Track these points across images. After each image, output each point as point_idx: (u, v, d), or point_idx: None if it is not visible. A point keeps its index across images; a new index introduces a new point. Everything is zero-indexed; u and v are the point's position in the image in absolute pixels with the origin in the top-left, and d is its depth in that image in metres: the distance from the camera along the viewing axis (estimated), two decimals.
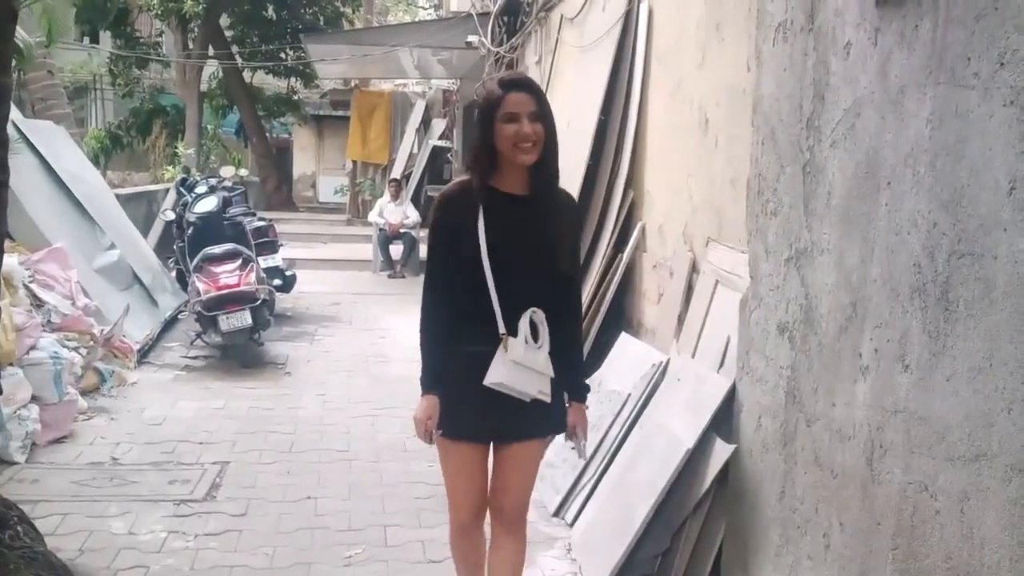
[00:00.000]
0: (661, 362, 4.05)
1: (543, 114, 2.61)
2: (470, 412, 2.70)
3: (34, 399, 4.90)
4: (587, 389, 2.91)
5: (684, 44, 4.48)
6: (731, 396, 3.39)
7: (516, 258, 2.65)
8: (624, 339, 4.67)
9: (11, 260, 5.33)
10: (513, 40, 9.27)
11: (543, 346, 2.67)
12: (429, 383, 2.73)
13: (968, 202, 2.11)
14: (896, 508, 2.36)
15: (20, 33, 8.62)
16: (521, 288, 2.65)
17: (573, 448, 2.92)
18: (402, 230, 12.47)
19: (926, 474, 2.23)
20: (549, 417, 2.80)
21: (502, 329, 2.63)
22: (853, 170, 2.60)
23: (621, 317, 5.20)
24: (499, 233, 2.63)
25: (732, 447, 3.29)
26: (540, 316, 2.67)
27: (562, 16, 7.33)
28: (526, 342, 2.63)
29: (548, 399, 2.70)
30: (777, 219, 3.06)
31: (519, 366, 2.63)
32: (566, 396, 2.85)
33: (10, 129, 3.10)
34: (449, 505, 2.87)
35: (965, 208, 2.12)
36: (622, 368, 4.45)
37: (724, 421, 3.44)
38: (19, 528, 3.10)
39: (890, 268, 2.41)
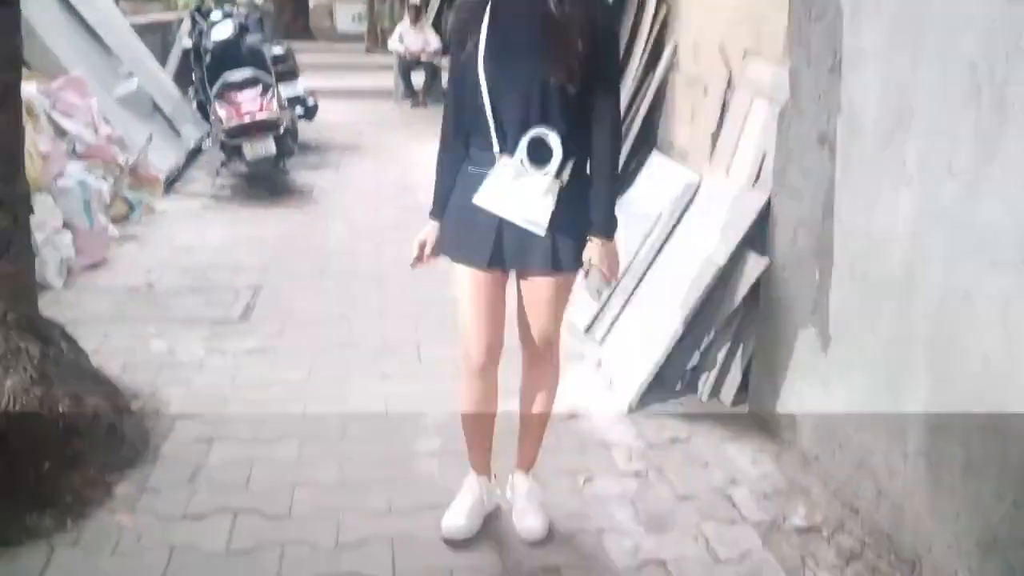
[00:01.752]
0: (694, 181, 3.99)
1: None
2: (470, 234, 2.49)
3: (66, 226, 4.94)
4: (610, 224, 2.48)
5: None
6: (765, 212, 3.35)
7: (520, 66, 2.36)
8: (655, 159, 4.59)
9: (30, 87, 5.24)
10: None
11: (549, 173, 2.37)
12: (433, 208, 2.61)
13: None
14: (934, 315, 2.35)
15: None
16: (526, 102, 2.36)
17: (591, 293, 2.53)
18: (423, 57, 12.14)
19: (968, 281, 2.21)
20: (553, 252, 2.44)
21: (495, 146, 2.40)
22: None
23: (652, 138, 5.09)
24: (504, 39, 2.37)
25: (765, 260, 3.28)
26: (554, 139, 2.36)
27: None
28: (521, 163, 2.37)
29: (540, 231, 2.39)
30: (822, 24, 2.92)
31: (507, 188, 2.39)
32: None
33: None
34: (461, 340, 2.64)
35: None
36: (653, 189, 4.39)
37: (757, 238, 3.41)
38: (63, 345, 3.17)
39: (942, 70, 2.31)
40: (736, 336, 3.54)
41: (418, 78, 12.32)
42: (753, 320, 3.46)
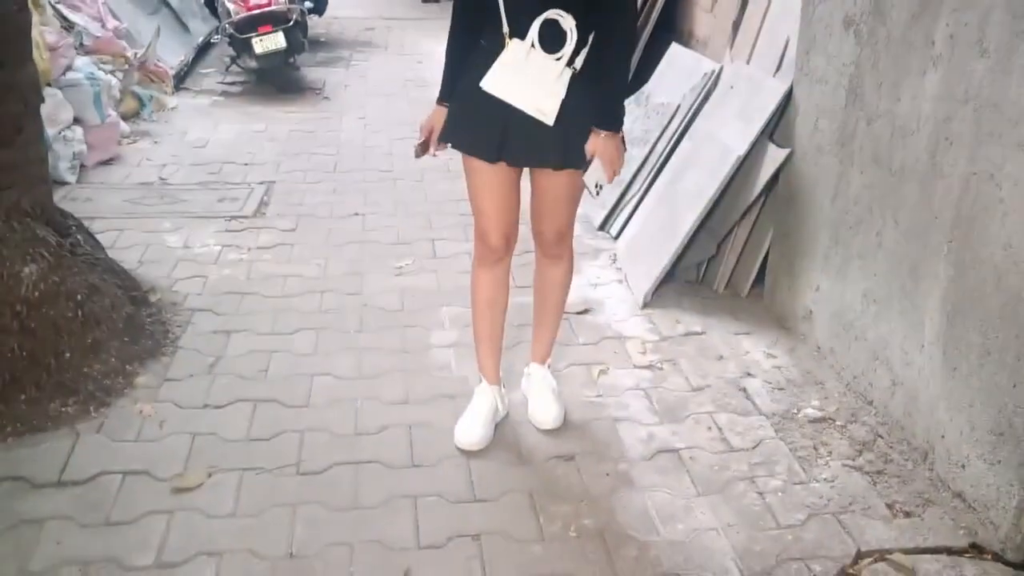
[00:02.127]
0: (713, 70, 3.89)
1: None
2: (476, 125, 2.40)
3: (77, 121, 4.88)
4: (617, 115, 2.37)
5: None
6: (787, 100, 3.27)
7: None
8: (674, 49, 4.47)
9: None
10: None
11: (562, 59, 2.26)
12: (440, 92, 2.50)
13: None
14: (956, 200, 2.31)
15: None
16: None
17: (589, 187, 2.38)
18: None
19: (993, 163, 2.16)
20: (565, 147, 2.36)
21: (505, 27, 2.27)
22: None
23: (671, 29, 4.95)
24: None
25: (786, 151, 3.21)
26: (568, 23, 2.24)
27: None
28: (532, 47, 2.26)
29: (549, 121, 2.29)
30: None
31: (516, 73, 2.27)
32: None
33: None
34: (475, 228, 2.59)
35: None
36: (671, 79, 4.28)
37: (778, 127, 3.34)
38: (79, 236, 3.17)
39: None
40: (754, 227, 3.50)
41: None
42: (772, 211, 3.41)
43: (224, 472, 2.52)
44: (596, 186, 2.37)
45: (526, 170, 2.51)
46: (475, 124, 2.40)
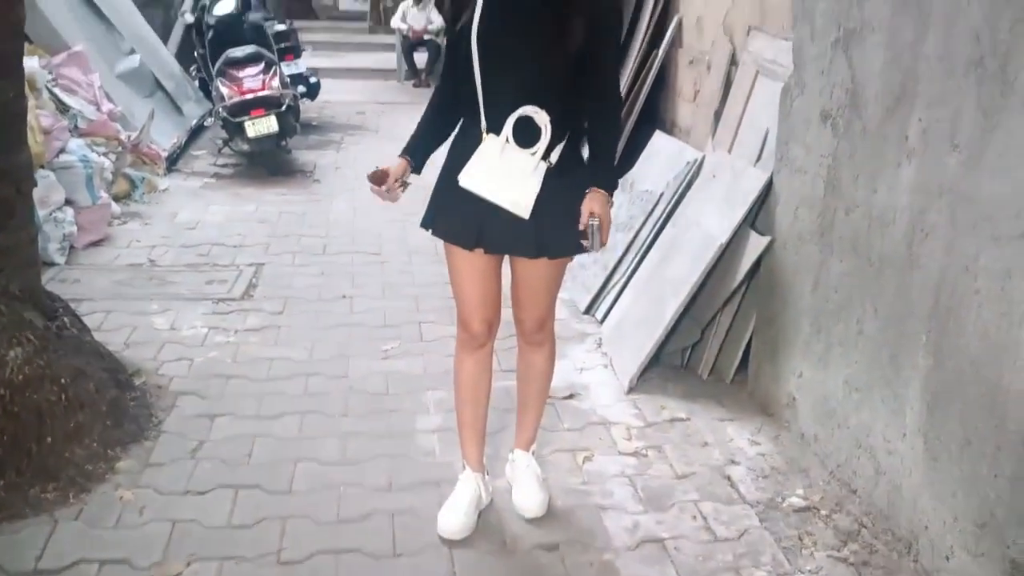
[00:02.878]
0: (696, 159, 3.97)
1: None
2: (455, 213, 2.44)
3: (68, 203, 4.93)
4: (611, 178, 2.44)
5: None
6: (768, 189, 3.33)
7: (514, 43, 2.28)
8: (658, 138, 4.57)
9: (32, 62, 5.23)
10: None
11: (536, 153, 2.30)
12: (405, 147, 2.52)
13: None
14: (934, 290, 2.35)
15: None
16: (518, 79, 2.29)
17: (585, 242, 2.37)
18: (426, 36, 12.08)
19: (968, 255, 2.21)
20: (539, 238, 2.39)
21: (483, 123, 2.33)
22: None
23: (655, 117, 5.08)
24: (499, 13, 2.28)
25: (767, 239, 3.27)
26: (542, 118, 2.28)
27: None
28: (507, 142, 2.30)
29: (524, 215, 2.32)
30: None
31: (492, 168, 2.32)
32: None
33: None
34: (457, 315, 2.61)
35: None
36: (655, 167, 4.37)
37: (759, 215, 3.41)
38: (66, 319, 3.18)
39: (946, 42, 2.30)
40: (737, 314, 3.54)
41: (421, 57, 12.26)
42: (755, 298, 3.45)
43: (203, 561, 2.48)
44: (594, 240, 2.36)
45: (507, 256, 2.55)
46: (453, 212, 2.45)
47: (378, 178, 2.47)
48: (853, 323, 2.75)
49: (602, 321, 4.11)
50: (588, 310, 4.28)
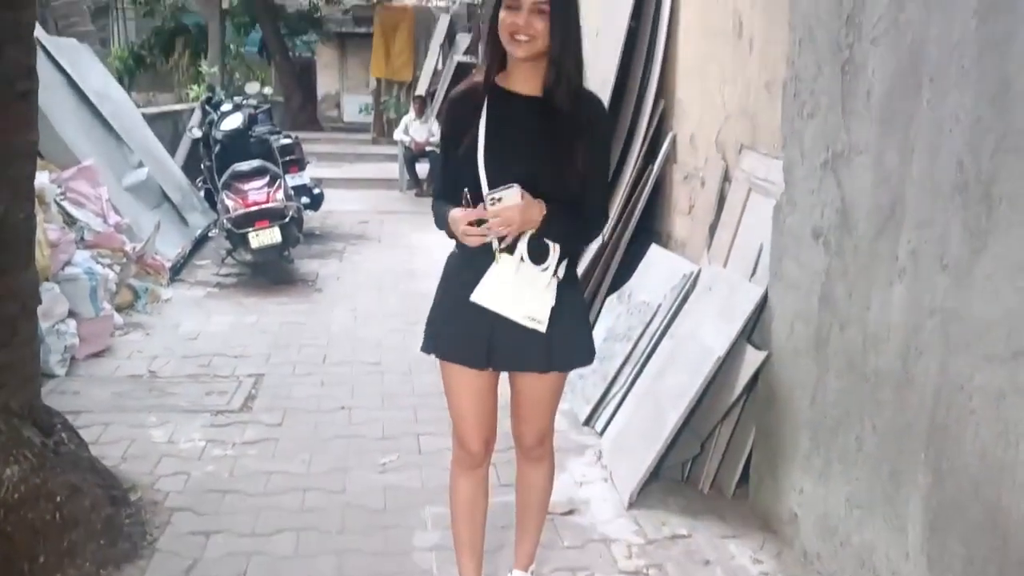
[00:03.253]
0: (692, 272, 4.03)
1: (556, 5, 2.26)
2: (461, 331, 2.44)
3: (71, 314, 4.98)
4: (556, 226, 2.34)
5: None
6: (763, 303, 3.38)
7: (519, 164, 2.33)
8: (654, 251, 4.64)
9: (42, 177, 5.35)
10: None
11: (548, 268, 2.36)
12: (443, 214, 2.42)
13: (1015, 96, 2.05)
14: (930, 409, 2.36)
15: None
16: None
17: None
18: (427, 148, 12.38)
19: (963, 374, 2.23)
20: (549, 349, 2.42)
21: (495, 243, 2.34)
22: (895, 67, 2.53)
23: (651, 230, 5.16)
24: (502, 136, 2.36)
25: (763, 354, 3.29)
26: None
27: None
28: (522, 260, 2.34)
29: (542, 328, 2.36)
30: (814, 121, 2.99)
31: (507, 285, 2.35)
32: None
33: (34, 40, 3.08)
34: (454, 435, 2.61)
35: (1012, 103, 2.06)
36: (652, 280, 4.43)
37: (755, 329, 3.44)
38: (64, 435, 3.17)
39: (931, 166, 2.37)
40: (736, 427, 3.53)
41: (423, 168, 12.54)
42: (754, 411, 3.45)
43: None
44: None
45: (504, 373, 2.56)
46: (459, 334, 2.45)
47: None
48: (852, 439, 2.75)
49: (602, 432, 4.10)
50: (588, 421, 4.27)
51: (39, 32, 6.88)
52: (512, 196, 2.27)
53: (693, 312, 3.85)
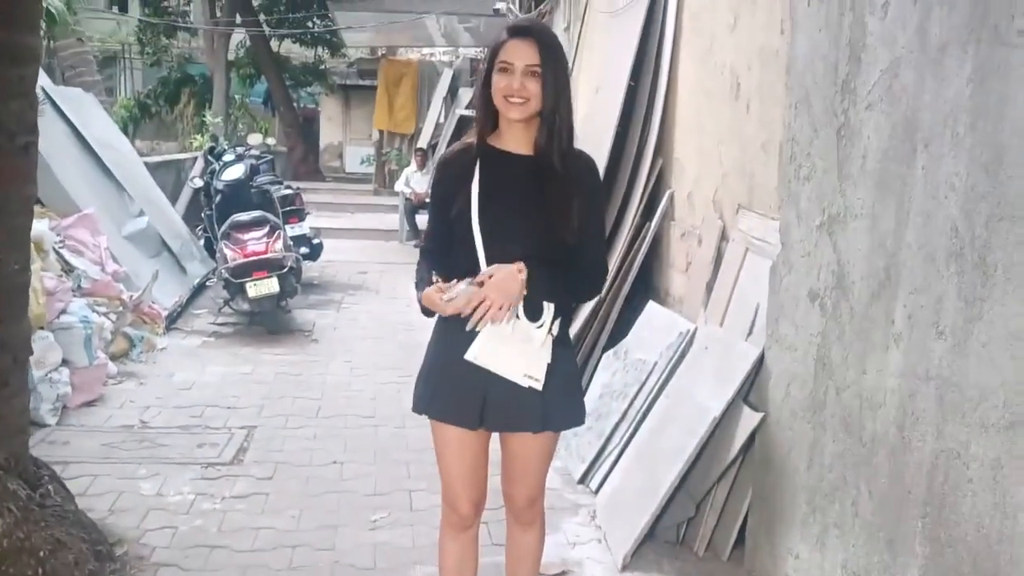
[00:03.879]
0: (688, 330, 4.02)
1: (548, 68, 2.30)
2: (454, 390, 2.43)
3: (65, 362, 4.95)
4: (544, 286, 2.35)
5: (716, 7, 4.40)
6: (759, 364, 3.36)
7: (512, 223, 2.37)
8: (651, 308, 4.64)
9: (41, 225, 5.37)
10: (541, 7, 9.17)
11: (543, 325, 2.36)
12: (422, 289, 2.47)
13: (1010, 164, 2.06)
14: (927, 476, 2.33)
15: (56, 2, 8.69)
16: (520, 257, 2.33)
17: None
18: (428, 200, 12.45)
19: (959, 441, 2.20)
20: (542, 408, 2.40)
21: None
22: (889, 132, 2.54)
23: (648, 286, 5.16)
24: (495, 195, 2.38)
25: (760, 415, 3.26)
26: None
27: None
28: (517, 317, 2.34)
29: (539, 386, 2.35)
30: (810, 184, 3.00)
31: (502, 343, 2.34)
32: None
33: (38, 94, 3.11)
34: (443, 495, 2.58)
35: (1006, 170, 2.07)
36: (649, 337, 4.41)
37: (752, 389, 3.42)
38: (50, 487, 3.13)
39: (926, 232, 2.36)
40: (732, 489, 3.49)
41: (423, 220, 12.59)
42: (750, 473, 3.41)
43: None
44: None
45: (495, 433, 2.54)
46: (452, 393, 2.44)
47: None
48: (848, 504, 2.71)
49: (597, 491, 4.05)
50: (583, 480, 4.22)
51: (45, 81, 6.97)
52: (467, 289, 2.29)
53: (689, 371, 3.82)
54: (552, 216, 2.37)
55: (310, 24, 20.24)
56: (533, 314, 2.37)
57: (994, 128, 2.11)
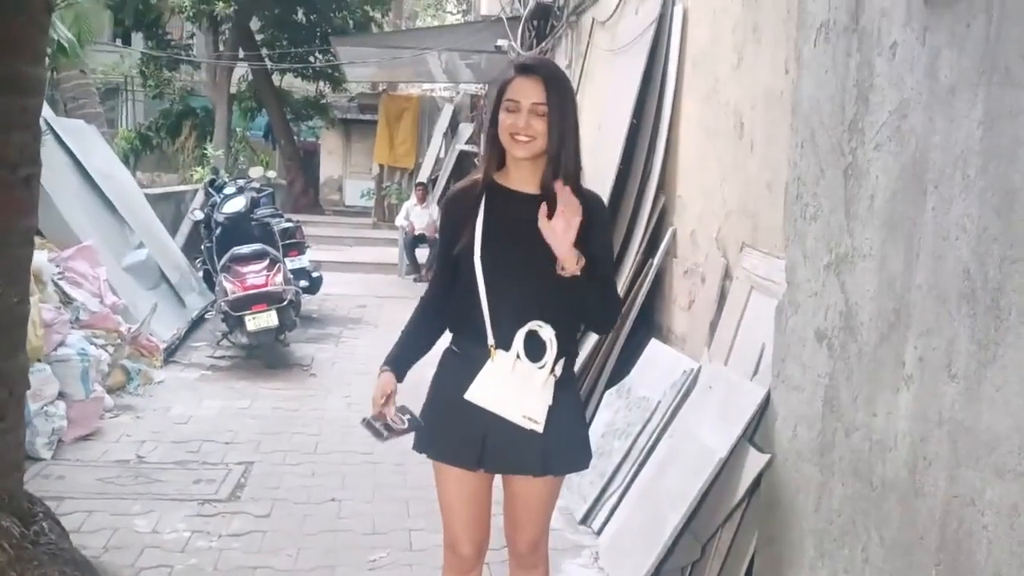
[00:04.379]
0: (692, 369, 3.98)
1: (555, 106, 2.29)
2: (453, 430, 2.39)
3: (61, 395, 4.91)
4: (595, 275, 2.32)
5: (720, 46, 4.42)
6: (765, 404, 3.32)
7: (517, 261, 2.34)
8: (654, 346, 4.61)
9: (40, 256, 5.34)
10: (543, 44, 9.23)
11: (545, 367, 2.32)
12: (385, 359, 2.48)
13: (1022, 207, 2.04)
14: (940, 522, 2.28)
15: (63, 31, 8.74)
16: (522, 296, 2.33)
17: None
18: (428, 234, 12.46)
19: (973, 488, 2.16)
20: (543, 451, 2.36)
21: (491, 340, 2.33)
22: (898, 173, 2.53)
23: (651, 324, 5.13)
24: (499, 233, 2.36)
25: (767, 457, 3.22)
26: (548, 333, 2.32)
27: (593, 20, 7.28)
28: (518, 358, 2.31)
29: (539, 428, 2.31)
30: (816, 224, 2.99)
31: (503, 383, 2.31)
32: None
33: (40, 125, 3.10)
34: (445, 536, 2.54)
35: (1018, 213, 2.05)
36: (652, 375, 4.38)
37: (758, 430, 3.37)
38: (44, 524, 3.07)
39: (936, 274, 2.34)
40: (738, 532, 3.43)
41: (423, 254, 12.60)
42: (756, 515, 3.36)
43: None
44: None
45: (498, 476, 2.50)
46: (454, 433, 2.40)
47: (383, 418, 2.45)
48: (858, 550, 2.66)
49: (599, 532, 3.99)
50: (584, 520, 4.16)
51: (47, 112, 6.98)
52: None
53: (694, 410, 3.78)
54: (553, 256, 2.29)
55: (312, 59, 20.39)
56: (535, 354, 2.33)
57: (1006, 171, 2.10)
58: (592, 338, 4.95)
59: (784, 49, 3.59)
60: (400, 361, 2.50)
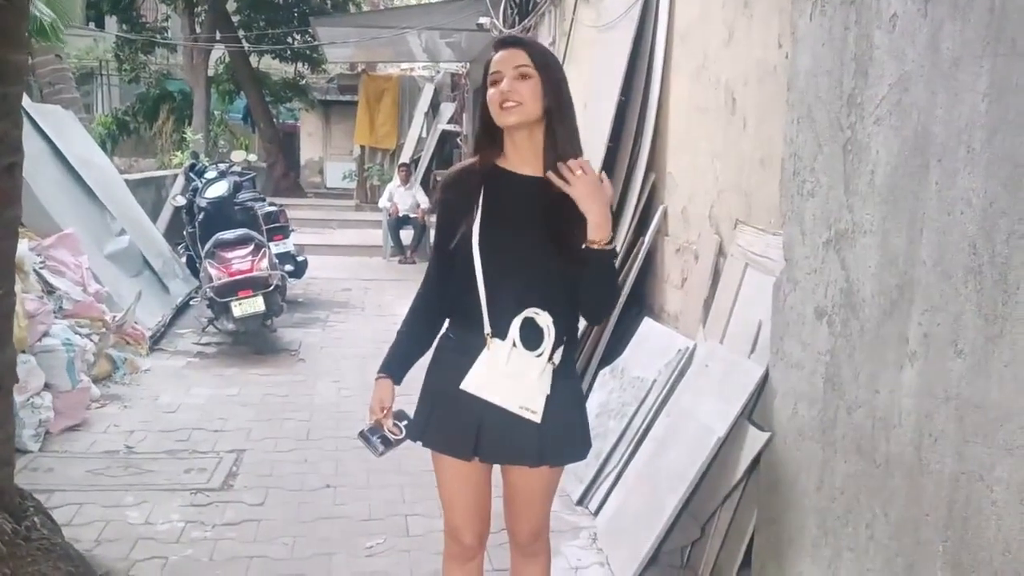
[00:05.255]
0: (687, 347, 3.96)
1: (539, 69, 2.23)
2: (448, 422, 2.34)
3: (47, 386, 4.83)
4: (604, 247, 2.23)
5: (709, 21, 4.37)
6: (764, 383, 3.29)
7: (516, 246, 2.28)
8: (647, 324, 4.58)
9: (21, 245, 5.22)
10: (526, 21, 9.14)
11: (543, 355, 2.26)
12: (383, 365, 2.44)
13: None
14: (947, 499, 2.27)
15: (44, 8, 8.57)
16: (521, 283, 2.27)
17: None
18: (411, 215, 12.37)
19: (981, 464, 2.14)
20: (540, 441, 2.30)
21: (487, 328, 2.26)
22: (899, 147, 2.49)
23: (643, 303, 5.11)
24: (499, 218, 2.29)
25: (766, 435, 3.20)
26: (545, 320, 2.26)
27: None
28: (514, 346, 2.25)
29: (536, 418, 2.26)
30: (815, 200, 2.96)
31: (499, 373, 2.25)
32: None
33: (21, 112, 3.02)
34: (445, 525, 2.50)
35: None
36: (645, 354, 4.35)
37: (756, 408, 3.36)
38: (36, 519, 3.02)
39: (941, 249, 2.31)
40: (737, 511, 3.42)
41: (407, 234, 12.52)
42: (755, 494, 3.35)
43: None
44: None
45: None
46: (448, 422, 2.35)
47: (380, 428, 2.44)
48: (863, 527, 2.65)
49: (596, 513, 3.97)
50: (581, 501, 4.14)
51: (24, 100, 6.84)
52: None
53: (690, 389, 3.76)
54: (558, 237, 2.27)
55: (290, 40, 20.15)
56: (532, 342, 2.27)
57: (1012, 143, 2.07)
58: (583, 320, 4.92)
59: (777, 23, 3.55)
60: (397, 365, 2.45)
